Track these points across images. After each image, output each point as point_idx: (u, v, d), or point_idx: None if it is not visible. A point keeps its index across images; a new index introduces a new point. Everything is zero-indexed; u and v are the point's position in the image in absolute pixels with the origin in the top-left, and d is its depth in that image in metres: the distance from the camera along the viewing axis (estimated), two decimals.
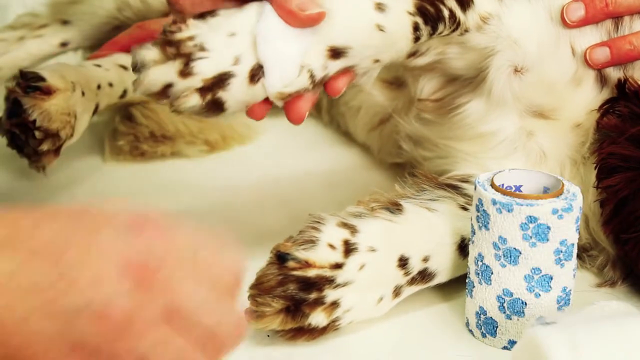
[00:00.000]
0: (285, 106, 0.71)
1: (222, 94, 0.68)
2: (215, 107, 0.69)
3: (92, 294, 0.50)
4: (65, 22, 1.19)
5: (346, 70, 0.72)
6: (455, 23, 0.77)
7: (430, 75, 0.86)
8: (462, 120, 0.86)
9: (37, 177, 1.00)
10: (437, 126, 0.89)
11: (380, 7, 0.72)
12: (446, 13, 0.75)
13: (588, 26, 0.82)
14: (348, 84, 0.73)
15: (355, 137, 1.12)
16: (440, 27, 0.76)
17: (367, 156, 1.10)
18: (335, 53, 0.70)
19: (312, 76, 0.70)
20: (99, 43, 1.16)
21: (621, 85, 0.82)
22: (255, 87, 0.69)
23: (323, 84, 0.72)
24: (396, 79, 0.97)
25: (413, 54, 0.79)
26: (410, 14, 0.73)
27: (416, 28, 0.74)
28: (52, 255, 0.51)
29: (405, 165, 0.97)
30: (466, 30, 0.78)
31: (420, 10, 0.74)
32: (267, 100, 0.70)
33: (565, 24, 0.81)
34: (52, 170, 0.98)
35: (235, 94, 0.69)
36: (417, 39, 0.74)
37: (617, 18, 0.83)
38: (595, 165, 0.81)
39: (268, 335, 0.74)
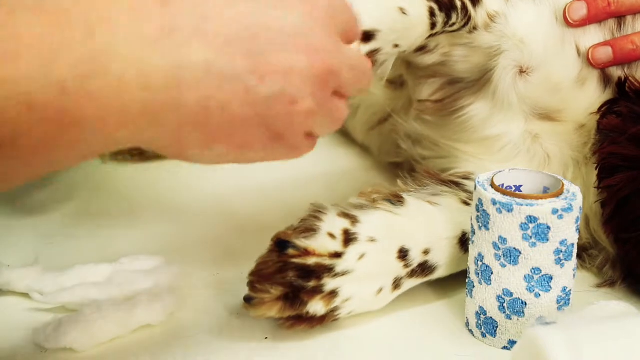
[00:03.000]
0: None
1: None
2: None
3: (285, 84, 0.57)
4: None
5: (370, 54, 0.73)
6: (466, 16, 0.78)
7: (432, 80, 0.86)
8: (465, 123, 0.86)
9: None
10: (438, 127, 0.89)
11: None
12: (458, 3, 0.77)
13: (592, 25, 0.82)
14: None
15: (354, 137, 1.12)
16: (454, 17, 0.77)
17: (367, 157, 1.10)
18: (367, 36, 0.72)
19: None
20: None
21: (621, 84, 0.82)
22: None
23: None
24: (397, 77, 0.97)
25: (422, 49, 0.80)
26: None
27: (432, 13, 0.75)
28: (244, 41, 0.55)
29: (404, 165, 0.97)
30: (475, 28, 0.80)
31: None
32: None
33: (567, 23, 0.81)
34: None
35: None
36: (433, 25, 0.76)
37: (619, 17, 0.83)
38: (596, 165, 0.81)
39: (266, 338, 0.74)
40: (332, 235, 0.73)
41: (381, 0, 0.73)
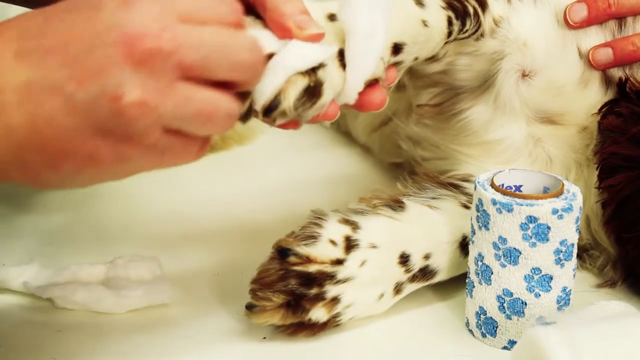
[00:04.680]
0: (361, 97, 0.69)
1: (321, 74, 0.66)
2: (315, 93, 0.65)
3: (103, 82, 0.54)
4: None
5: (393, 66, 0.73)
6: (478, 22, 0.78)
7: (433, 89, 0.86)
8: (465, 127, 0.85)
9: None
10: (438, 130, 0.89)
11: (420, 3, 0.74)
12: (471, 10, 0.77)
13: (593, 27, 0.82)
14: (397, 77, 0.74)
15: (356, 138, 1.12)
16: (468, 24, 0.77)
17: (368, 157, 1.10)
18: (396, 49, 0.71)
19: (385, 67, 0.70)
20: None
21: (622, 84, 0.81)
22: (342, 73, 0.67)
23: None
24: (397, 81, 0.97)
25: (432, 58, 0.80)
26: (443, 8, 0.75)
27: (450, 22, 0.75)
28: (60, 51, 0.55)
29: (404, 165, 0.97)
30: (482, 35, 0.80)
31: (450, 5, 0.76)
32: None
33: (568, 25, 0.81)
34: None
35: (332, 76, 0.66)
36: (449, 34, 0.76)
37: (620, 19, 0.83)
38: (597, 165, 0.81)
39: (264, 337, 0.74)
40: (333, 242, 0.73)
41: (408, 14, 0.73)
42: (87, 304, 0.76)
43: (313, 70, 0.65)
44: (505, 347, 0.73)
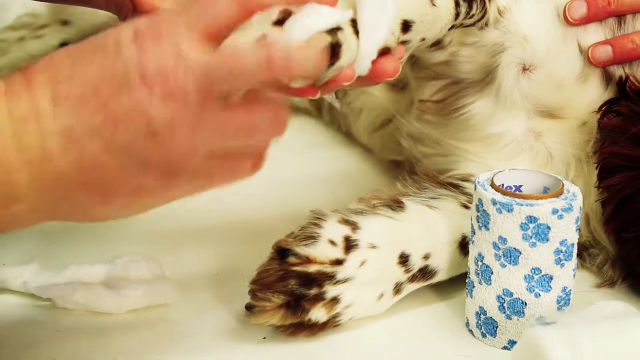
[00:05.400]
0: (375, 66, 0.68)
1: (340, 36, 0.64)
2: (335, 53, 0.63)
3: (137, 122, 0.56)
4: (65, 23, 1.18)
5: (402, 44, 0.73)
6: (484, 8, 0.79)
7: (435, 82, 0.86)
8: (467, 122, 0.86)
9: None
10: (440, 126, 0.89)
11: None
12: None
13: (593, 24, 0.82)
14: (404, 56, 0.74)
15: (357, 138, 1.12)
16: (474, 8, 0.78)
17: (368, 156, 1.10)
18: (405, 26, 0.72)
19: (396, 40, 0.71)
20: None
21: (622, 83, 0.81)
22: (357, 41, 0.66)
23: None
24: (399, 81, 0.97)
25: (437, 44, 0.80)
26: None
27: (457, 4, 0.76)
28: (92, 96, 0.56)
29: (404, 164, 0.97)
30: (486, 24, 0.80)
31: None
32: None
33: (567, 22, 0.81)
34: None
35: (349, 41, 0.65)
36: (457, 15, 0.76)
37: (620, 16, 0.83)
38: (596, 164, 0.81)
39: (264, 337, 0.74)
40: (332, 242, 0.73)
41: None
42: (87, 304, 0.76)
43: (334, 31, 0.65)
44: (505, 347, 0.73)
